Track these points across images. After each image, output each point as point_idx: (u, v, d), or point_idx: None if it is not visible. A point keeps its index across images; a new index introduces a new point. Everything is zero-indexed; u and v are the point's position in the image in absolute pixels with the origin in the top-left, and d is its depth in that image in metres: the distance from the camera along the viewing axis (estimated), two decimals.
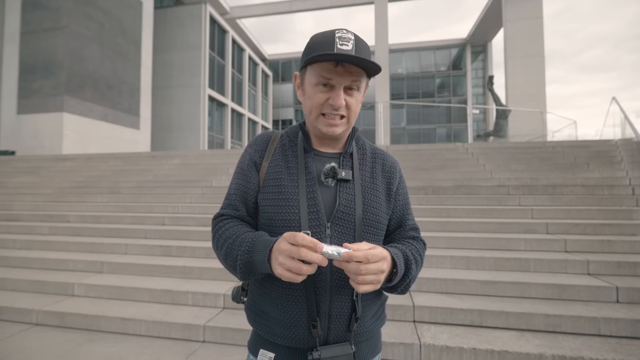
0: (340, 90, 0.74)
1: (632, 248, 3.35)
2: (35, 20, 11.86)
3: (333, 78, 0.73)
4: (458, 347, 2.23)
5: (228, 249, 0.76)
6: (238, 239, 0.75)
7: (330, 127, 0.77)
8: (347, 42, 0.71)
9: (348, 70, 0.72)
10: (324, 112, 0.76)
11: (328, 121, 0.77)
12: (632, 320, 2.33)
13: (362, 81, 0.76)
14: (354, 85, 0.75)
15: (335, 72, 0.73)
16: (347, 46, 0.71)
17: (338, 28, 0.74)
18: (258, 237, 0.73)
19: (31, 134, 11.66)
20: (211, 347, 2.52)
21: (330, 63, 0.72)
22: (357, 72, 0.73)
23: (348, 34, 0.72)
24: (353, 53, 0.70)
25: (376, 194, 0.82)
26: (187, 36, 18.07)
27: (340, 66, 0.72)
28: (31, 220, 5.28)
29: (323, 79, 0.74)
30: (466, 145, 7.27)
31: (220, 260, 0.80)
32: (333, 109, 0.75)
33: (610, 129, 8.65)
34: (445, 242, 3.67)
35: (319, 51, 0.71)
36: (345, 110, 0.76)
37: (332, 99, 0.74)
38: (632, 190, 4.60)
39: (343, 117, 0.77)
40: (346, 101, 0.75)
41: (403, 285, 0.77)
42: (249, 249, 0.71)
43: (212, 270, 3.37)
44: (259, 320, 0.81)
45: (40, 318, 2.91)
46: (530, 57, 15.44)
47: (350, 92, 0.75)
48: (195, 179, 6.34)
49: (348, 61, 0.70)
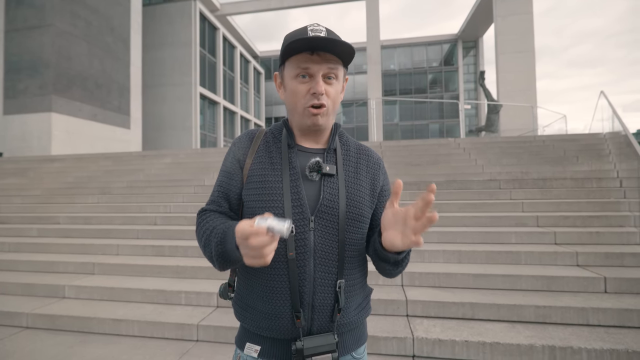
0: (319, 78, 0.76)
1: (620, 239, 3.41)
2: (19, 18, 11.58)
3: (310, 67, 0.76)
4: (450, 340, 2.25)
5: (206, 241, 0.77)
6: (214, 230, 0.75)
7: (314, 116, 0.79)
8: (319, 32, 0.75)
9: (324, 58, 0.75)
10: (307, 104, 0.78)
11: (312, 111, 0.78)
12: (620, 309, 2.38)
13: (339, 69, 0.78)
14: (331, 73, 0.77)
15: (312, 61, 0.75)
16: (319, 34, 0.74)
17: (310, 23, 0.77)
18: (229, 227, 0.72)
19: (18, 135, 11.43)
20: (205, 346, 2.51)
21: (306, 53, 0.75)
22: (333, 59, 0.76)
23: (319, 27, 0.76)
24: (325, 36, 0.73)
25: (360, 189, 0.84)
26: (177, 33, 17.83)
27: (315, 55, 0.75)
28: (20, 223, 5.19)
29: (301, 70, 0.76)
30: (458, 141, 7.32)
31: (202, 253, 0.80)
32: (315, 97, 0.77)
33: (598, 123, 8.77)
34: (438, 237, 3.70)
35: (293, 41, 0.74)
36: (326, 100, 0.78)
37: (312, 87, 0.76)
38: (620, 182, 4.69)
39: (324, 106, 0.78)
40: (326, 90, 0.77)
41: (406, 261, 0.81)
42: (221, 239, 0.72)
43: (205, 270, 3.36)
44: (245, 314, 0.83)
45: (30, 321, 2.87)
46: (520, 52, 15.56)
47: (329, 81, 0.78)
48: (187, 178, 6.29)
49: (321, 45, 0.73)
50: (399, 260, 0.77)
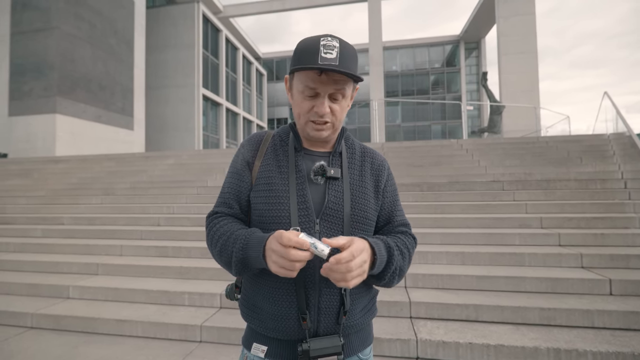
0: (325, 99, 0.76)
1: (625, 241, 3.39)
2: (25, 20, 11.69)
3: (317, 87, 0.75)
4: (454, 342, 2.24)
5: (222, 246, 0.78)
6: (232, 236, 0.77)
7: (317, 131, 0.80)
8: (332, 50, 0.72)
9: (332, 79, 0.74)
10: (310, 119, 0.79)
11: (314, 126, 0.79)
12: (625, 312, 2.36)
13: (346, 88, 0.78)
14: (338, 93, 0.77)
15: (320, 81, 0.74)
16: (332, 54, 0.72)
17: (324, 34, 0.75)
18: (251, 233, 0.75)
19: (23, 136, 11.52)
20: (208, 347, 2.51)
21: (314, 72, 0.74)
22: (342, 80, 0.75)
23: (333, 42, 0.73)
24: (337, 62, 0.72)
25: (364, 191, 0.85)
26: (180, 35, 17.93)
27: (324, 75, 0.73)
28: (24, 223, 5.22)
29: (308, 88, 0.76)
30: (460, 142, 7.31)
31: (215, 256, 0.82)
32: (318, 115, 0.77)
33: (602, 123, 8.73)
34: (441, 238, 3.69)
35: (304, 59, 0.73)
36: (330, 117, 0.78)
37: (316, 107, 0.77)
38: (625, 183, 4.66)
39: (327, 122, 0.79)
40: (331, 108, 0.77)
41: (389, 274, 0.78)
42: (244, 245, 0.74)
43: (208, 271, 3.36)
44: (252, 314, 0.83)
45: (35, 321, 2.88)
46: (523, 53, 15.51)
47: (335, 99, 0.78)
48: (190, 179, 6.31)
49: (330, 71, 0.72)
50: (378, 276, 0.77)
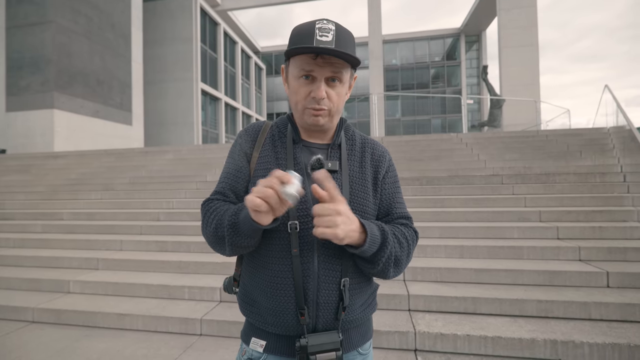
0: (322, 82, 0.74)
1: (623, 234, 3.40)
2: (20, 14, 11.56)
3: (314, 70, 0.73)
4: (452, 334, 2.26)
5: (218, 221, 0.76)
6: (228, 211, 0.75)
7: (314, 117, 0.77)
8: (327, 33, 0.71)
9: (328, 62, 0.72)
10: (307, 106, 0.77)
11: (312, 112, 0.77)
12: (622, 304, 2.38)
13: (344, 72, 0.75)
14: (335, 76, 0.74)
15: (315, 64, 0.73)
16: (327, 37, 0.70)
17: (319, 18, 0.74)
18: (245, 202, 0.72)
19: (21, 131, 11.47)
20: (208, 340, 2.53)
21: (309, 55, 0.72)
22: (338, 63, 0.73)
23: (329, 25, 0.72)
24: (333, 45, 0.70)
25: (364, 184, 0.82)
26: (178, 29, 17.76)
27: (320, 58, 0.72)
28: (24, 219, 5.23)
29: (304, 71, 0.74)
30: (460, 136, 7.29)
31: (209, 236, 0.78)
32: (315, 101, 0.75)
33: (602, 117, 8.70)
34: (440, 232, 3.70)
35: (299, 43, 0.72)
36: (327, 103, 0.76)
37: (313, 92, 0.75)
38: (624, 177, 4.66)
39: (324, 109, 0.77)
40: (328, 93, 0.75)
41: (384, 259, 0.75)
42: (237, 210, 0.72)
43: (207, 265, 3.38)
44: (250, 309, 0.82)
45: (36, 316, 2.90)
46: (524, 46, 15.38)
47: (332, 83, 0.75)
48: (189, 174, 6.31)
49: (326, 53, 0.70)
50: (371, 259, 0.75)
